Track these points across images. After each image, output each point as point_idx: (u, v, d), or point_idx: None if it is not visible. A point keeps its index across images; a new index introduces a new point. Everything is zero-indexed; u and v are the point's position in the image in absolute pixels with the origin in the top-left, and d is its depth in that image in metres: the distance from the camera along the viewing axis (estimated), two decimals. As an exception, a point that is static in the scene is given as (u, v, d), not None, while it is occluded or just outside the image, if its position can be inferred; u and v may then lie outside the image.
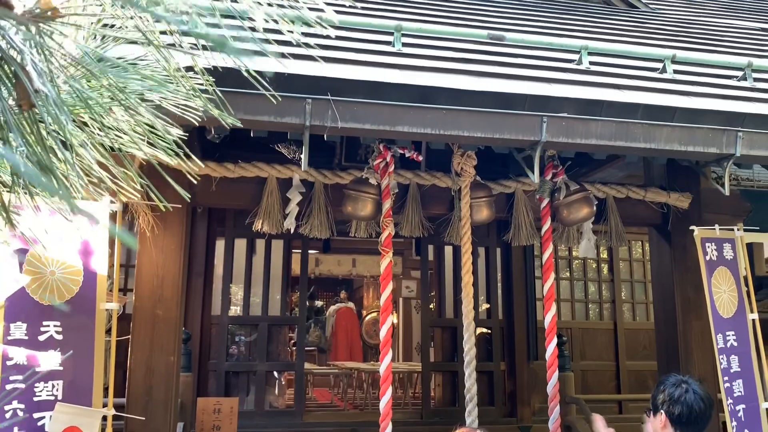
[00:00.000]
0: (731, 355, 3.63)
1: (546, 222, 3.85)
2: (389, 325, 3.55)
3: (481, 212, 3.74)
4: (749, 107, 3.28)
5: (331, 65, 2.99)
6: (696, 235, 3.68)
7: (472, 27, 4.05)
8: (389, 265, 3.62)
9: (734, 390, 3.57)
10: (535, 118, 2.91)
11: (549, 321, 3.75)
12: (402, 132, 2.86)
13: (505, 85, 3.10)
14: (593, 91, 3.20)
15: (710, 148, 3.08)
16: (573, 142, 2.99)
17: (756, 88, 3.59)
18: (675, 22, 5.46)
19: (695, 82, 3.54)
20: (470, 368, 3.64)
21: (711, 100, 3.31)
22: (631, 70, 3.59)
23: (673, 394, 2.58)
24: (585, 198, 3.79)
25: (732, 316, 3.70)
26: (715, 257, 3.71)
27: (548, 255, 3.85)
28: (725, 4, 6.69)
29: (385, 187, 3.65)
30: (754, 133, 3.09)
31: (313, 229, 3.83)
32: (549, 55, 3.60)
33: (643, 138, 3.03)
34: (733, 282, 3.76)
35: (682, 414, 2.55)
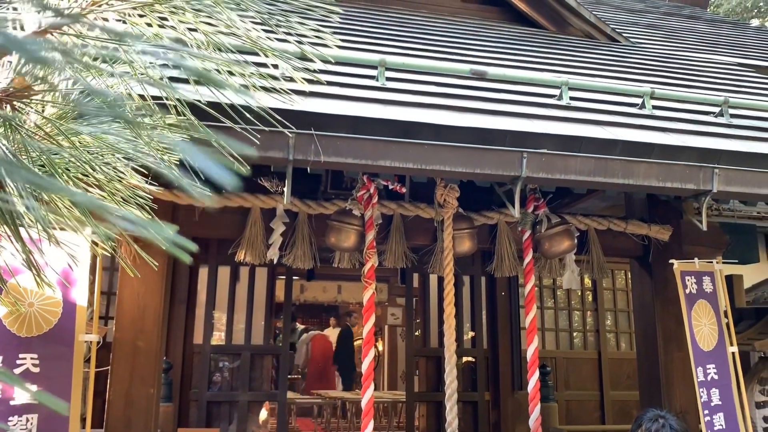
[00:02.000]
0: (712, 389, 3.65)
1: (528, 254, 3.87)
2: (371, 358, 3.54)
3: (463, 244, 3.76)
4: (725, 144, 3.35)
5: (315, 99, 3.02)
6: (676, 269, 3.72)
7: (455, 61, 4.12)
8: (372, 297, 3.63)
9: (715, 424, 3.58)
10: (515, 153, 2.96)
11: (531, 353, 3.76)
12: (384, 166, 2.88)
13: (487, 120, 3.14)
14: (573, 127, 3.25)
15: (688, 184, 3.14)
16: (553, 177, 3.03)
17: (732, 124, 3.67)
18: (655, 57, 5.58)
19: (673, 118, 3.62)
20: (452, 401, 3.63)
21: (688, 136, 3.38)
22: (611, 106, 3.65)
23: (650, 429, 2.60)
24: (566, 231, 3.82)
25: (712, 349, 3.73)
26: (695, 290, 3.74)
27: (530, 287, 3.87)
28: (704, 39, 6.85)
29: (369, 219, 3.67)
30: (730, 169, 3.14)
31: (297, 259, 3.83)
32: (531, 91, 3.66)
33: (621, 174, 3.08)
34: (713, 315, 3.79)
35: (662, 449, 2.57)
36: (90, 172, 0.92)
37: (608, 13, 7.77)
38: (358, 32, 4.72)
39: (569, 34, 5.95)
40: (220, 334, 6.34)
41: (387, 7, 5.87)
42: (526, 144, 3.06)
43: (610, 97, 3.77)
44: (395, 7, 5.95)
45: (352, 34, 4.63)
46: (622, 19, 7.46)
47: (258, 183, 3.82)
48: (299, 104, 2.92)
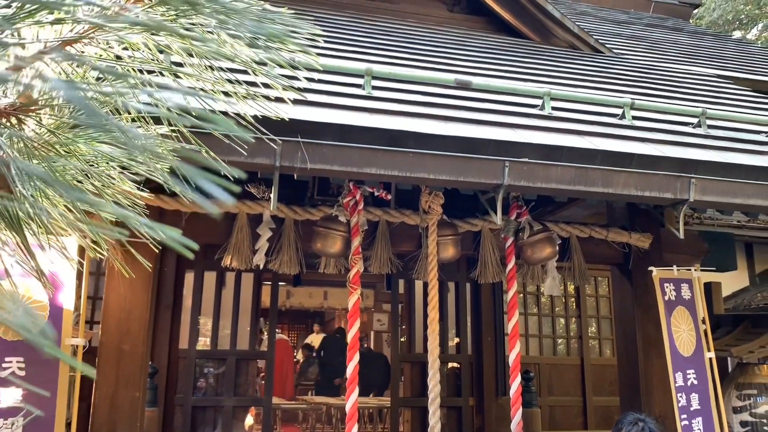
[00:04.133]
0: (691, 393, 3.73)
1: (510, 261, 3.94)
2: (356, 363, 3.58)
3: (447, 250, 3.82)
4: (702, 154, 3.44)
5: (302, 108, 3.08)
6: (655, 276, 3.80)
7: (441, 71, 4.19)
8: (357, 303, 3.67)
9: (693, 428, 3.66)
10: (497, 162, 3.02)
11: (513, 358, 3.82)
12: (370, 174, 2.94)
13: (471, 129, 3.21)
14: (555, 136, 3.32)
15: (665, 193, 3.22)
16: (534, 185, 3.10)
17: (709, 135, 3.76)
18: (637, 68, 5.69)
19: (652, 129, 3.70)
20: (435, 405, 3.68)
21: (667, 146, 3.46)
22: (592, 116, 3.73)
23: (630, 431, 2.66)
24: (548, 238, 3.90)
25: (691, 355, 3.81)
26: (673, 297, 3.83)
27: (512, 293, 3.93)
28: (685, 50, 6.99)
29: (355, 225, 3.72)
30: (706, 179, 3.23)
31: (283, 264, 3.87)
32: (514, 100, 3.73)
33: (601, 183, 3.16)
34: (692, 321, 3.88)
35: (639, 452, 2.63)
36: (86, 178, 0.96)
37: (592, 24, 7.90)
38: (346, 41, 4.78)
39: (553, 44, 6.05)
40: (205, 339, 6.35)
41: (375, 16, 5.94)
42: (508, 153, 3.13)
43: (591, 107, 3.85)
44: (383, 16, 6.02)
45: (340, 42, 4.69)
46: (606, 30, 7.59)
47: (245, 189, 3.87)
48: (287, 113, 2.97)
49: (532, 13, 5.94)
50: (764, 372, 4.33)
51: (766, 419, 4.17)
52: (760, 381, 4.31)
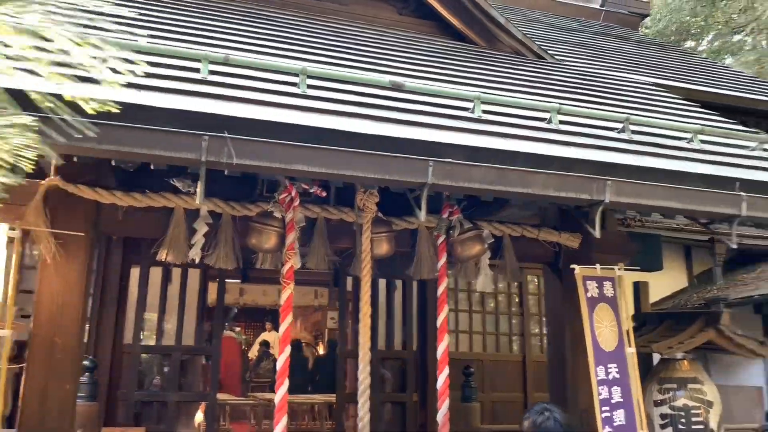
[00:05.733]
0: (613, 387, 3.90)
1: (442, 257, 4.07)
2: (287, 355, 3.67)
3: (381, 247, 3.93)
4: (621, 158, 3.61)
5: (235, 104, 3.15)
6: (577, 274, 3.97)
7: (382, 73, 4.29)
8: (290, 297, 3.76)
9: (615, 420, 3.83)
10: (422, 161, 3.14)
11: (441, 352, 3.95)
12: (297, 170, 3.03)
13: (399, 130, 3.32)
14: (481, 138, 3.46)
15: (582, 194, 3.38)
16: (457, 185, 3.23)
17: (632, 140, 3.94)
18: (576, 74, 5.89)
19: (577, 133, 3.87)
20: (364, 397, 3.79)
21: (588, 150, 3.63)
22: (520, 120, 3.88)
23: (536, 421, 2.80)
24: (477, 236, 4.04)
25: (613, 350, 3.99)
26: (596, 294, 4.00)
27: (442, 289, 4.07)
28: (628, 59, 7.24)
29: (290, 221, 3.80)
30: (621, 181, 3.40)
31: (219, 260, 3.93)
32: (446, 103, 3.85)
33: (520, 184, 3.30)
34: (614, 318, 4.06)
35: (542, 439, 2.77)
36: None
37: (541, 31, 8.11)
38: (292, 41, 4.85)
39: (499, 49, 6.22)
40: (151, 334, 6.34)
41: (324, 17, 6.02)
42: (434, 153, 3.24)
43: (521, 111, 4.00)
44: (332, 17, 6.10)
45: (286, 41, 4.76)
46: (554, 37, 7.81)
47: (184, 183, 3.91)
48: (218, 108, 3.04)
49: (478, 18, 6.10)
50: (684, 367, 4.55)
51: (683, 412, 4.39)
52: (680, 376, 4.52)
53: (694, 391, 4.43)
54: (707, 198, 3.54)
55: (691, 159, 3.87)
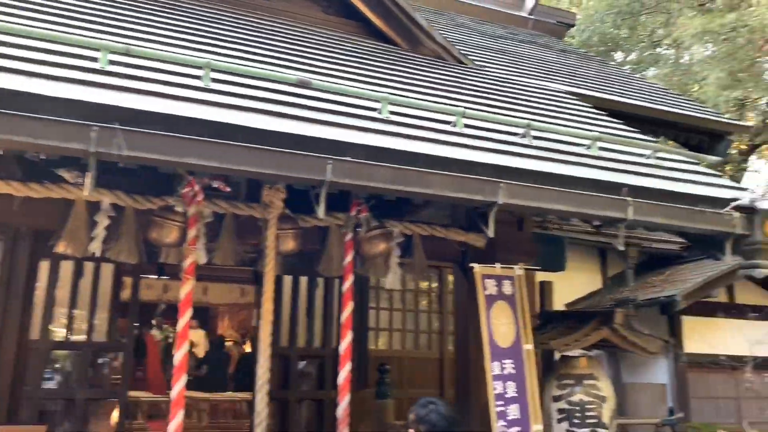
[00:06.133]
0: (508, 382, 4.05)
1: (348, 255, 4.13)
2: (185, 350, 3.65)
3: (287, 243, 3.96)
4: (517, 162, 3.75)
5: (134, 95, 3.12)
6: (476, 272, 4.10)
7: (291, 69, 4.32)
8: (190, 292, 3.74)
9: (509, 414, 3.98)
10: (321, 160, 3.18)
11: (344, 347, 4.01)
12: (191, 164, 3.02)
13: (302, 127, 3.35)
14: (384, 139, 3.53)
15: (477, 195, 3.49)
16: (358, 183, 3.28)
17: (532, 145, 4.10)
18: (494, 80, 6.06)
19: (480, 137, 4.00)
20: (261, 393, 3.81)
21: (487, 153, 3.76)
22: (427, 122, 3.98)
23: (420, 413, 2.89)
24: (383, 234, 4.12)
25: (510, 346, 4.14)
26: (494, 292, 4.15)
27: (348, 285, 4.13)
28: (547, 67, 7.49)
29: (192, 216, 3.78)
30: (514, 184, 3.54)
31: (121, 253, 3.87)
32: (356, 103, 3.92)
33: (419, 184, 3.39)
34: (512, 315, 4.21)
35: (426, 431, 2.86)
36: None
37: (469, 37, 8.29)
38: (206, 34, 4.81)
39: (421, 53, 6.33)
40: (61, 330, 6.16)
41: (249, 11, 5.98)
42: (337, 152, 3.29)
43: (428, 114, 4.10)
44: (258, 12, 6.07)
45: (200, 35, 4.72)
46: (479, 43, 8.00)
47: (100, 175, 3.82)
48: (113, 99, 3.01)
49: (401, 21, 6.19)
50: (582, 364, 4.76)
51: (579, 407, 4.59)
52: (578, 372, 4.73)
53: (590, 387, 4.64)
54: (597, 202, 3.72)
55: (587, 165, 4.05)
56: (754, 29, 8.99)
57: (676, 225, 3.97)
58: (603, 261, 8.92)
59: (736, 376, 6.82)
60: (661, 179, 4.16)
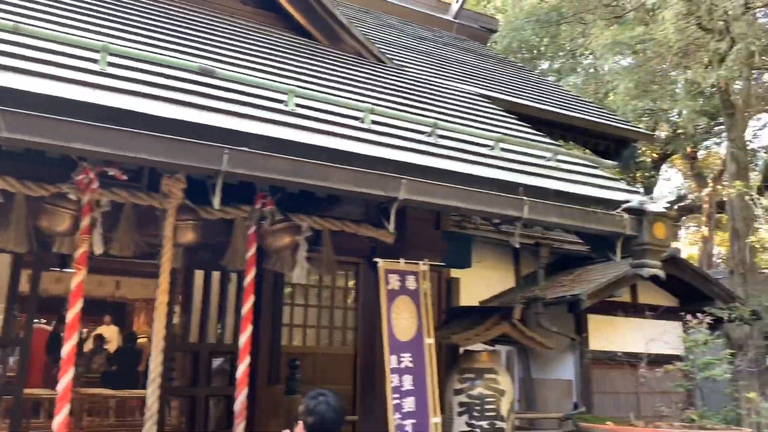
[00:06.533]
0: (405, 375, 4.12)
1: (251, 247, 4.10)
2: (73, 343, 3.53)
3: (186, 234, 3.89)
4: (421, 159, 3.83)
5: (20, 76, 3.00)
6: (380, 267, 4.15)
7: (199, 57, 4.24)
8: (81, 283, 3.62)
9: (404, 406, 4.04)
10: (216, 149, 3.14)
11: (243, 341, 3.98)
12: (78, 149, 2.92)
13: (200, 116, 3.30)
14: (286, 131, 3.52)
15: (378, 190, 3.54)
16: (254, 174, 3.26)
17: (438, 144, 4.19)
18: (410, 80, 6.15)
19: (387, 134, 4.05)
20: (153, 386, 3.73)
21: (392, 150, 3.81)
22: (334, 117, 3.99)
23: (309, 405, 2.90)
24: (288, 228, 4.11)
25: (409, 340, 4.21)
26: (397, 287, 4.21)
27: (250, 278, 4.10)
28: (465, 70, 7.66)
29: (86, 204, 3.65)
30: (416, 181, 3.60)
31: (9, 242, 3.70)
32: (261, 94, 3.89)
33: (319, 177, 3.40)
34: (414, 309, 4.29)
35: (315, 423, 2.87)
36: None
37: (393, 36, 8.38)
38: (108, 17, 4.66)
39: (341, 49, 6.34)
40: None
41: None
42: (238, 142, 3.26)
43: (336, 109, 4.12)
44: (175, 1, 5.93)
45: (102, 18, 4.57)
46: (403, 43, 8.09)
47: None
48: None
49: (321, 16, 6.20)
50: (483, 359, 4.90)
51: (478, 400, 4.72)
52: (479, 366, 4.86)
53: (490, 380, 4.78)
54: (495, 201, 3.83)
55: (489, 165, 4.17)
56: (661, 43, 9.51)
57: (570, 224, 4.15)
58: (516, 261, 9.19)
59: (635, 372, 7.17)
60: (559, 180, 4.34)
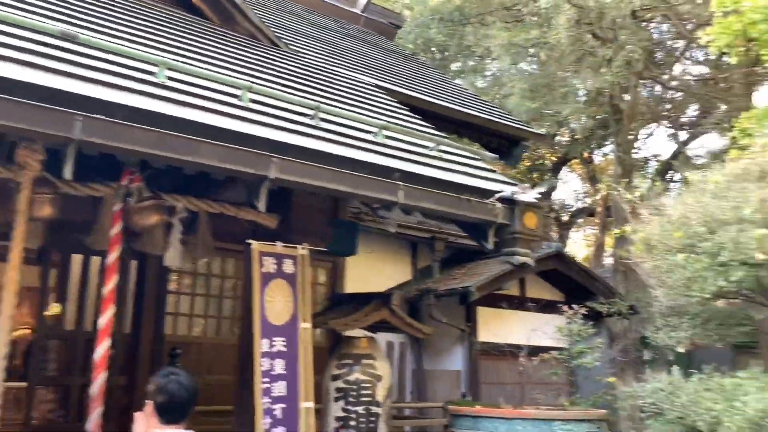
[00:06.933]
0: (277, 359, 4.06)
1: (116, 225, 3.92)
2: None
3: (43, 209, 3.67)
4: (296, 139, 3.78)
5: None
6: (254, 249, 4.08)
7: (57, 21, 4.00)
8: None
9: (274, 390, 3.98)
10: (68, 115, 2.97)
11: (103, 323, 3.80)
12: None
13: (58, 81, 3.11)
14: (152, 102, 3.38)
15: (248, 168, 3.46)
16: (113, 144, 3.10)
17: (319, 127, 4.15)
18: (305, 65, 6.08)
19: (267, 113, 3.98)
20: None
21: (269, 129, 3.74)
22: (211, 93, 3.88)
23: (160, 383, 2.79)
24: (155, 206, 3.96)
25: (284, 324, 4.15)
26: (273, 270, 4.14)
27: (113, 258, 3.92)
28: (365, 62, 7.68)
29: None
30: (288, 160, 3.55)
31: None
32: (132, 65, 3.71)
33: (184, 151, 3.28)
34: (291, 294, 4.23)
35: (165, 402, 2.76)
36: None
37: (296, 24, 8.27)
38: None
39: (235, 30, 6.19)
40: None
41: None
42: (93, 110, 3.08)
43: (215, 86, 4.00)
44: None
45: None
46: (304, 31, 8.01)
47: None
48: None
49: (214, -5, 6.02)
50: (363, 345, 4.91)
51: (355, 386, 4.73)
52: (358, 352, 4.87)
53: (367, 366, 4.80)
54: (370, 184, 3.84)
55: (369, 150, 4.18)
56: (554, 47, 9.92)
57: (445, 211, 4.22)
58: (414, 254, 9.31)
59: (518, 363, 7.42)
60: (438, 169, 4.41)
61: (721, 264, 4.58)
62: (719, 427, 4.23)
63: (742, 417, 4.14)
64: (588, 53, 9.78)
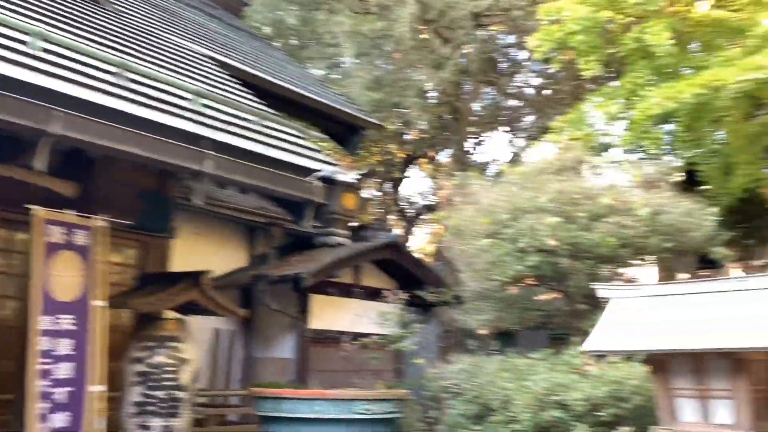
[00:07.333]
0: (63, 339, 3.67)
1: None
2: None
3: None
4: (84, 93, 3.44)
5: None
6: (36, 214, 3.65)
7: None
8: None
9: (57, 372, 3.60)
10: None
11: None
12: None
13: None
14: None
15: (25, 120, 3.09)
16: None
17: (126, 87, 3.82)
18: (128, 27, 5.61)
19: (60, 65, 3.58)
20: None
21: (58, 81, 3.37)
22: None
23: None
24: None
25: (73, 301, 3.77)
26: (62, 240, 3.74)
27: None
28: (201, 34, 7.31)
29: None
30: (73, 115, 3.22)
31: None
32: None
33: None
34: (83, 268, 3.85)
35: None
36: None
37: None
38: None
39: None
40: None
41: None
42: None
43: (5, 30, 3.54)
44: None
45: None
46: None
47: None
48: None
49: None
50: (169, 326, 4.60)
51: (157, 369, 4.42)
52: (163, 334, 4.56)
53: (172, 349, 4.50)
54: (172, 150, 3.60)
55: (181, 116, 3.92)
56: (398, 40, 10.06)
57: (261, 186, 4.08)
58: (251, 239, 9.03)
59: (346, 350, 7.42)
60: (257, 143, 4.25)
61: (520, 249, 4.86)
62: (510, 404, 4.46)
63: (530, 395, 4.39)
64: (429, 50, 10.03)
